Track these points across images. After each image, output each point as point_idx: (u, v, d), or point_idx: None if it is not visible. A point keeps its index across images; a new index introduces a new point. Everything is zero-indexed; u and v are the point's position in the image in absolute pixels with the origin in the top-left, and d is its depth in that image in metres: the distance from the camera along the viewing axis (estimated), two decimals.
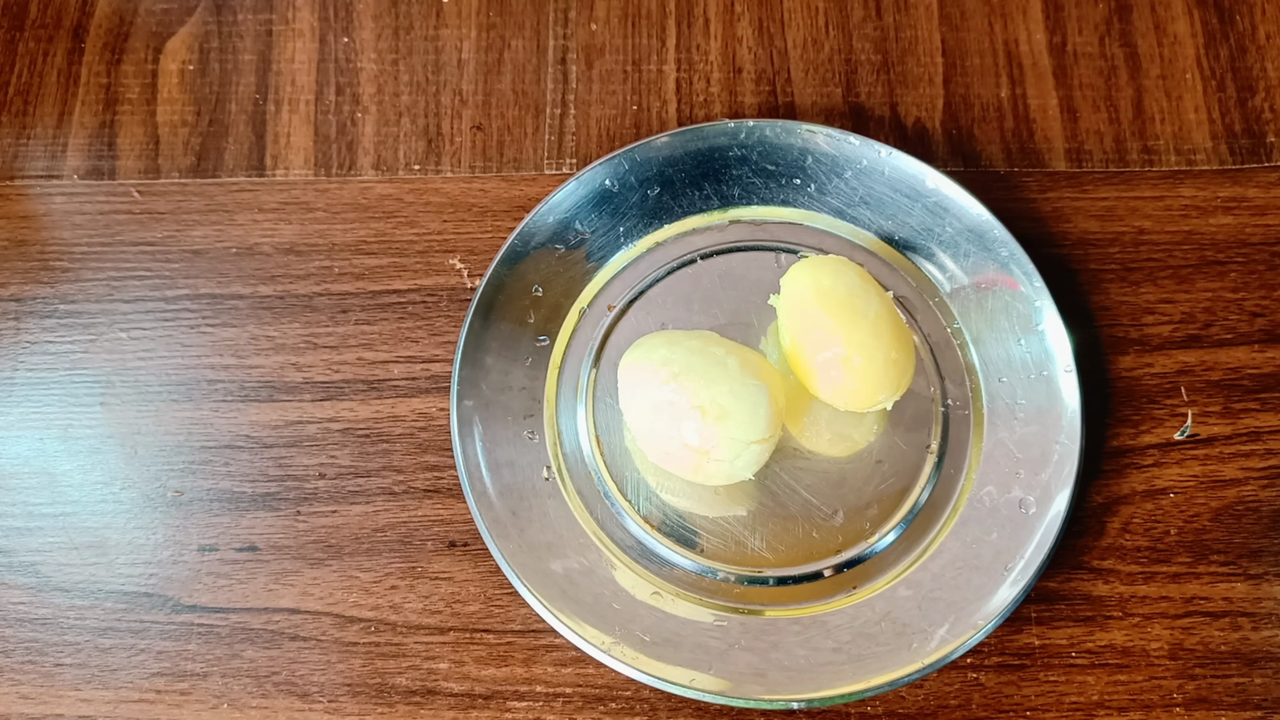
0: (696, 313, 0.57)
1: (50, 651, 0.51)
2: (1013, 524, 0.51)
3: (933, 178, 0.57)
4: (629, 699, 0.50)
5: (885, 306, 0.51)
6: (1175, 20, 0.65)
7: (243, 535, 0.53)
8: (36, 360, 0.57)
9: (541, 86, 0.63)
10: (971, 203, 0.56)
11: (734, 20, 0.65)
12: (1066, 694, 0.50)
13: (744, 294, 0.57)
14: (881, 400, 0.51)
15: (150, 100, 0.63)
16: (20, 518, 0.54)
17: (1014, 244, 0.55)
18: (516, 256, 0.56)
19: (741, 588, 0.51)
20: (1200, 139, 0.61)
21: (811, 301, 0.51)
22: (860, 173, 0.58)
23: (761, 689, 0.48)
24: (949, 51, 0.64)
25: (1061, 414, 0.52)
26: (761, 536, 0.52)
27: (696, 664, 0.48)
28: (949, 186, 0.56)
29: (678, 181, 0.58)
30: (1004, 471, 0.52)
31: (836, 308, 0.50)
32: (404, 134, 0.62)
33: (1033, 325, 0.54)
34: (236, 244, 0.59)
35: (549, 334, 0.56)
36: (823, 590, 0.51)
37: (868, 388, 0.50)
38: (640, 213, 0.58)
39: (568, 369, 0.55)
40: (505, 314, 0.55)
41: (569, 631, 0.48)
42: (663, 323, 0.56)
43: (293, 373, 0.56)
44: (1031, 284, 0.55)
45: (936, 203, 0.57)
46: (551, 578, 0.50)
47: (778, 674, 0.48)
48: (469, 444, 0.52)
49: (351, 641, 0.51)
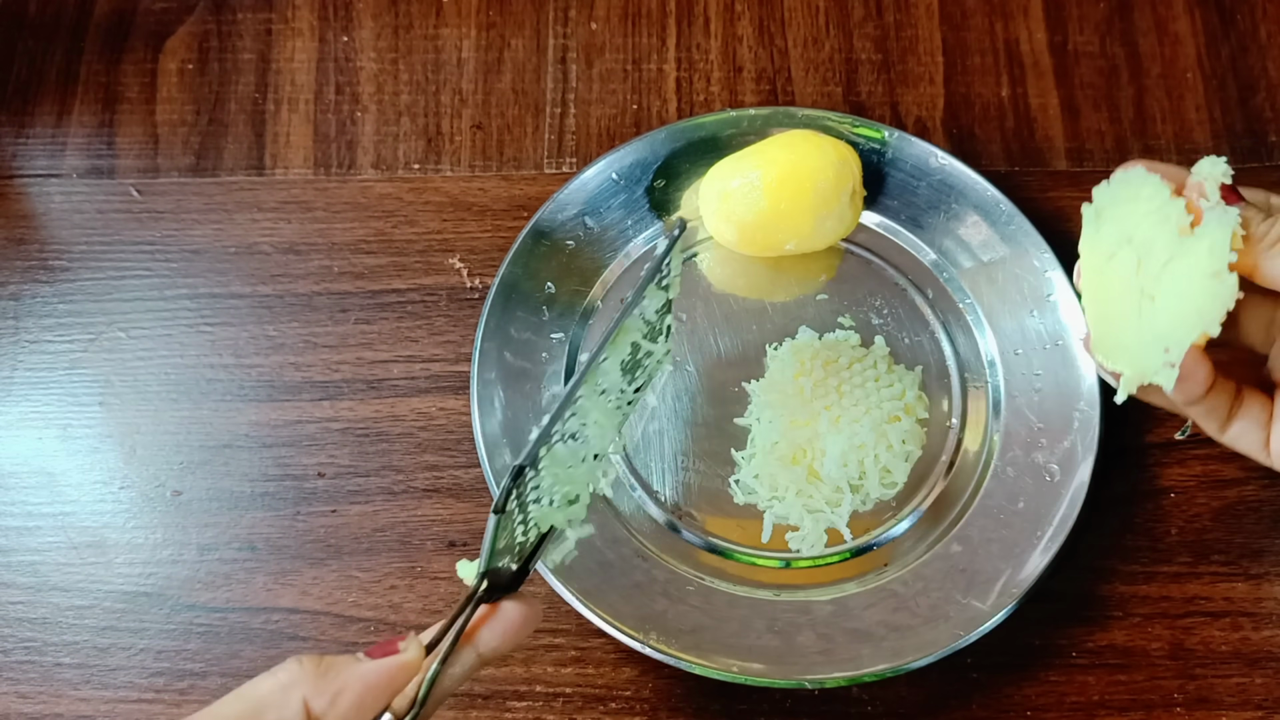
0: (711, 301, 0.57)
1: (49, 651, 0.51)
2: (1039, 492, 0.51)
3: (939, 157, 0.57)
4: (629, 699, 0.50)
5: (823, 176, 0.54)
6: (1176, 19, 0.64)
7: (242, 535, 0.53)
8: (35, 359, 0.57)
9: (541, 85, 0.63)
10: (977, 179, 0.57)
11: (734, 19, 0.65)
12: (1067, 694, 0.50)
13: (756, 279, 0.57)
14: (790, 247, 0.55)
15: (150, 99, 0.63)
16: (19, 517, 0.54)
17: (1021, 218, 0.56)
18: (528, 253, 0.56)
19: (773, 570, 0.51)
20: (1201, 138, 0.61)
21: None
22: (865, 154, 0.58)
23: (799, 669, 0.48)
24: (950, 50, 0.64)
25: (1079, 381, 0.53)
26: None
27: (735, 650, 0.48)
28: (955, 165, 0.57)
29: (682, 172, 0.59)
30: (1025, 442, 0.53)
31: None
32: (404, 133, 0.62)
33: (1044, 296, 0.55)
34: (236, 243, 0.59)
35: (563, 329, 0.56)
36: (853, 569, 0.51)
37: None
38: (647, 204, 0.58)
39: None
40: (519, 311, 0.55)
41: (611, 628, 0.48)
42: (677, 314, 0.56)
43: (292, 372, 0.56)
44: (1040, 255, 0.55)
45: (942, 180, 0.57)
46: (590, 574, 0.50)
47: (816, 655, 0.48)
48: (495, 455, 0.52)
49: (351, 641, 0.51)
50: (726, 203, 0.55)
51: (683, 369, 0.55)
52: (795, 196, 0.54)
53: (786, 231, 0.55)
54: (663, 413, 0.54)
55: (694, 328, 0.56)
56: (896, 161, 0.58)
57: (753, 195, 0.54)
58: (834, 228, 0.55)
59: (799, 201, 0.54)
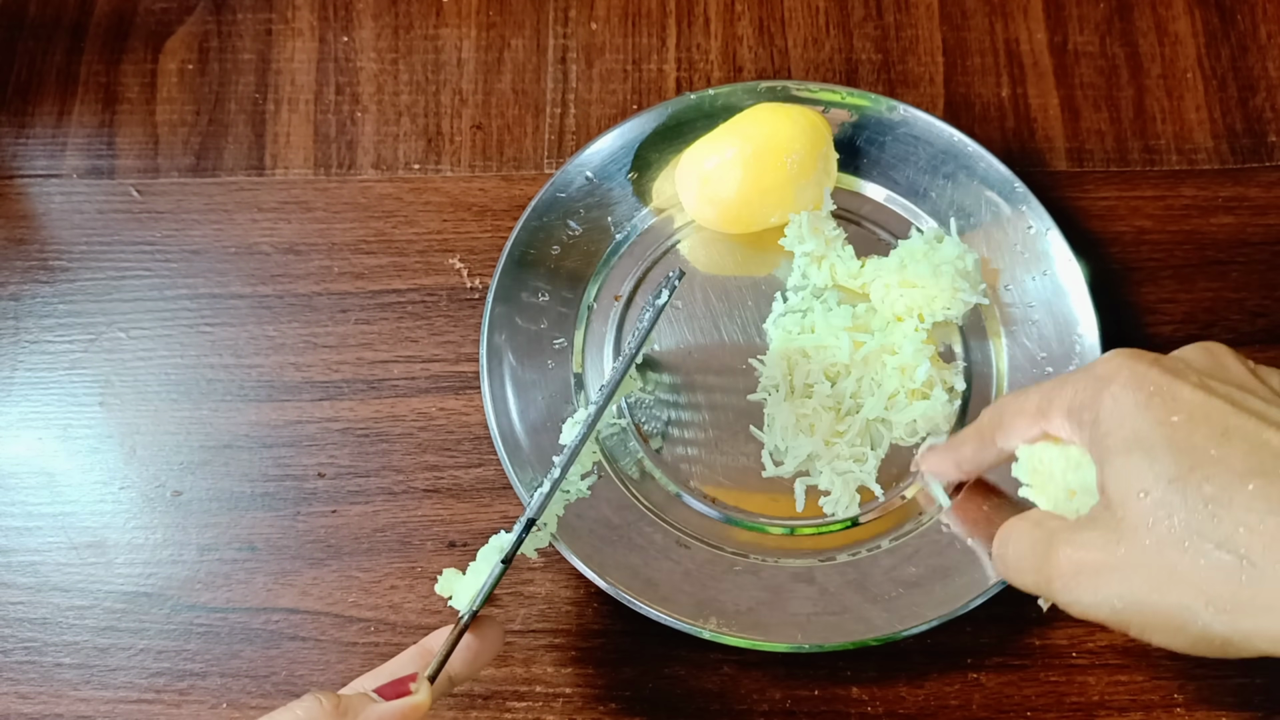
0: (703, 287, 0.57)
1: (49, 651, 0.51)
2: None
3: (902, 110, 0.58)
4: (629, 699, 0.50)
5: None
6: (1176, 20, 0.64)
7: (242, 535, 0.53)
8: (35, 360, 0.57)
9: (541, 85, 0.63)
10: (966, 140, 0.58)
11: (734, 19, 0.65)
12: (1067, 694, 0.50)
13: (744, 258, 0.58)
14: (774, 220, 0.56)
15: (149, 99, 0.63)
16: (19, 517, 0.54)
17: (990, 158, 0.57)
18: (516, 265, 0.56)
19: (810, 538, 0.52)
20: (1201, 138, 0.61)
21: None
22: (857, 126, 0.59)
23: (862, 630, 0.48)
24: (950, 51, 0.64)
25: (1072, 304, 0.54)
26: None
27: (794, 622, 0.49)
28: (918, 115, 0.58)
29: (654, 162, 0.59)
30: (1031, 375, 0.54)
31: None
32: (404, 133, 0.62)
33: (1027, 232, 0.56)
34: (236, 243, 0.59)
35: (564, 334, 0.56)
36: (890, 523, 0.52)
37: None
38: (624, 198, 0.58)
39: (590, 366, 0.55)
40: (518, 325, 0.55)
41: (672, 620, 0.48)
42: (672, 303, 0.56)
43: (292, 372, 0.56)
44: (1014, 188, 0.56)
45: (907, 132, 0.58)
46: (635, 572, 0.50)
47: (876, 613, 0.49)
48: (521, 475, 0.52)
49: (351, 642, 0.51)
50: (706, 184, 0.55)
51: (690, 355, 0.55)
52: (774, 170, 0.54)
53: (768, 206, 0.55)
54: (681, 401, 0.55)
55: (691, 313, 0.56)
56: (862, 124, 0.59)
57: (731, 173, 0.54)
58: (813, 195, 0.56)
59: (777, 174, 0.54)
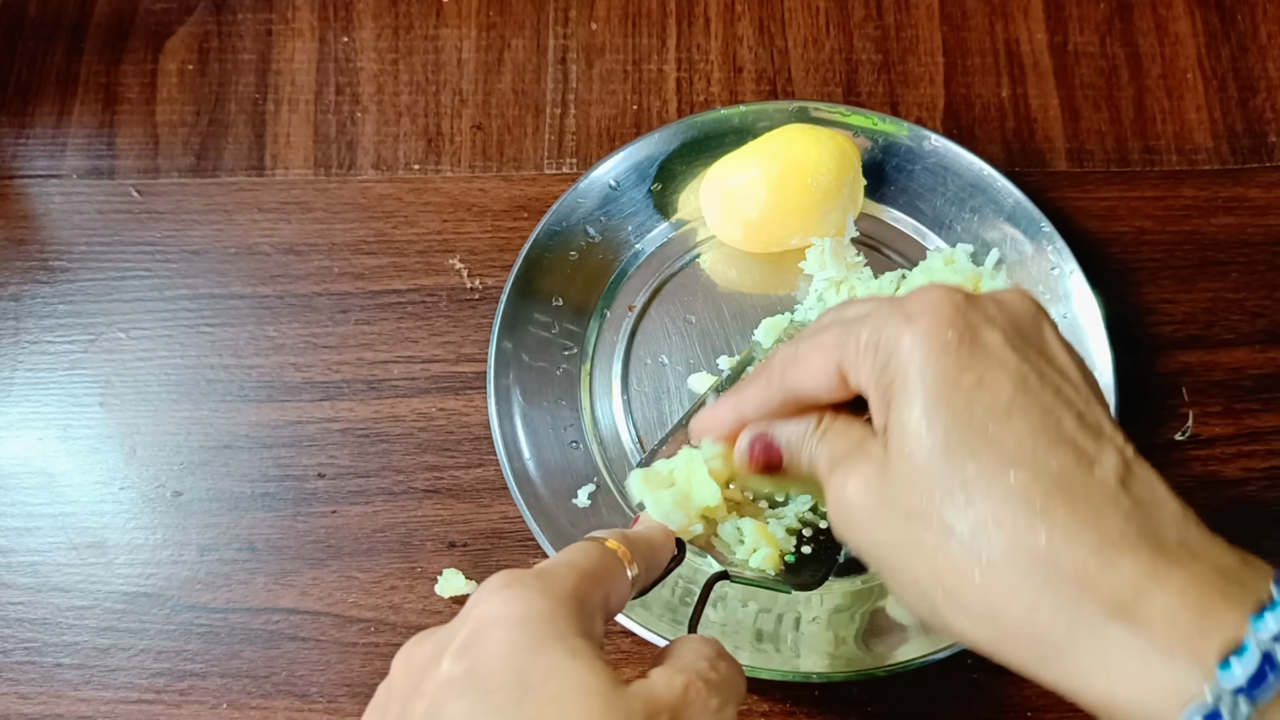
0: (720, 301, 0.57)
1: (49, 651, 0.51)
2: None
3: (933, 140, 0.58)
4: None
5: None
6: (1176, 20, 0.64)
7: (242, 535, 0.53)
8: (35, 360, 0.57)
9: (542, 86, 0.63)
10: (973, 160, 0.57)
11: (734, 19, 0.65)
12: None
13: (763, 277, 0.57)
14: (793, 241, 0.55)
15: (150, 100, 0.63)
16: (19, 518, 0.54)
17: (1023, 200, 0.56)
18: (531, 269, 0.56)
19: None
20: (1201, 139, 0.61)
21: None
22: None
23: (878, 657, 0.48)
24: (950, 51, 0.64)
25: (1090, 344, 0.53)
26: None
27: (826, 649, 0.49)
28: (950, 147, 0.58)
29: (678, 175, 0.59)
30: None
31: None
32: (404, 133, 0.62)
33: (1049, 272, 0.55)
34: (236, 244, 0.59)
35: (574, 341, 0.56)
36: None
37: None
38: (646, 209, 0.58)
39: (599, 374, 0.55)
40: (529, 330, 0.55)
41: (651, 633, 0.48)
42: (686, 317, 0.56)
43: (292, 373, 0.56)
44: (1040, 228, 0.56)
45: (937, 163, 0.58)
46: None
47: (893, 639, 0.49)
48: (522, 477, 0.52)
49: (351, 642, 0.51)
50: (730, 202, 0.55)
51: (709, 372, 0.55)
52: (799, 192, 0.54)
53: (790, 227, 0.55)
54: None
55: (704, 330, 0.56)
56: (891, 150, 0.58)
57: (755, 193, 0.54)
58: (837, 219, 0.55)
59: (802, 197, 0.54)
